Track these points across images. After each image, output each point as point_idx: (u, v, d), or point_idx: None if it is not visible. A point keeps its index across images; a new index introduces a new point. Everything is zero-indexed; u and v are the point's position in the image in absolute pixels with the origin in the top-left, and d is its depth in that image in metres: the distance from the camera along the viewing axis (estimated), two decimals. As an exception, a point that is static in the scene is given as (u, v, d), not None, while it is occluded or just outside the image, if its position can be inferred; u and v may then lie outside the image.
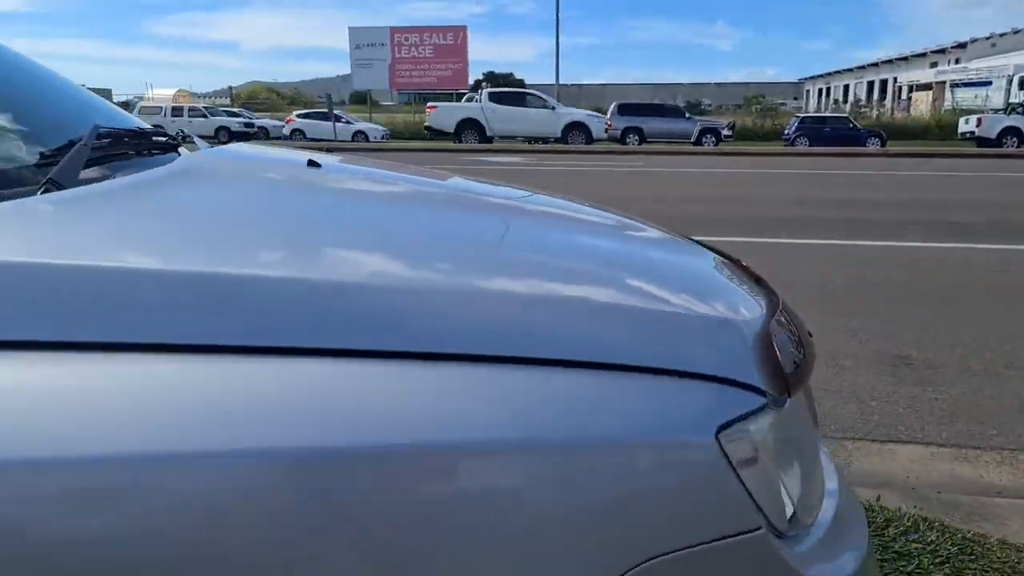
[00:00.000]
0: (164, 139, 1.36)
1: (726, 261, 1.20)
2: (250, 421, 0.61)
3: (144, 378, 0.62)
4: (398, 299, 0.74)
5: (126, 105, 32.74)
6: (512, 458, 0.65)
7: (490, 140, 22.44)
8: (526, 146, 21.47)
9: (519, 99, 23.22)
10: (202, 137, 1.59)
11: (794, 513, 0.81)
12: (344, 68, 30.37)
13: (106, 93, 60.31)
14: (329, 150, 1.80)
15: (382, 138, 27.33)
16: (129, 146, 1.18)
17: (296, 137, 27.47)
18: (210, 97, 49.85)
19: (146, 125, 1.38)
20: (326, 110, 27.17)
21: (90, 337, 0.63)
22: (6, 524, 0.56)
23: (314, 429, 0.61)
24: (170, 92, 50.80)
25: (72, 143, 0.99)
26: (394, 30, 30.41)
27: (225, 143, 2.06)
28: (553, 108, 22.69)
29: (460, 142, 22.35)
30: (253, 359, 0.64)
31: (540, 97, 23.22)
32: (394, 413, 0.64)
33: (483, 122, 22.44)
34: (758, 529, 0.73)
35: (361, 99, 37.44)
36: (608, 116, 24.01)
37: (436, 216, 1.18)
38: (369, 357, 0.67)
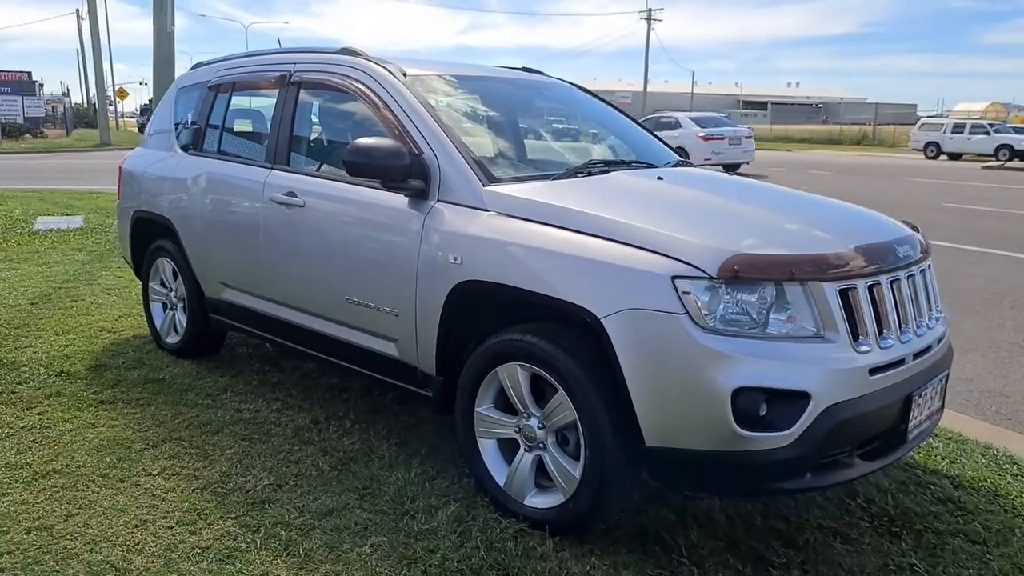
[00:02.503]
0: (643, 164, 3.58)
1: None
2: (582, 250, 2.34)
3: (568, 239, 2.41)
4: (615, 224, 2.35)
5: (928, 121, 33.11)
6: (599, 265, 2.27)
7: None
8: None
9: None
10: (978, 155, 2.72)
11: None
12: None
13: (910, 108, 59.67)
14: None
15: None
16: (602, 165, 3.40)
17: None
18: (1035, 110, 45.36)
19: (637, 156, 3.62)
20: None
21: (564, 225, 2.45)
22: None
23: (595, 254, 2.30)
24: (981, 106, 48.67)
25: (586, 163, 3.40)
26: None
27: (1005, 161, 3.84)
28: None
29: None
30: (584, 238, 2.36)
31: None
32: (594, 251, 2.30)
33: None
34: (678, 315, 2.10)
35: None
36: None
37: (664, 192, 3.01)
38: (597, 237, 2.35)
